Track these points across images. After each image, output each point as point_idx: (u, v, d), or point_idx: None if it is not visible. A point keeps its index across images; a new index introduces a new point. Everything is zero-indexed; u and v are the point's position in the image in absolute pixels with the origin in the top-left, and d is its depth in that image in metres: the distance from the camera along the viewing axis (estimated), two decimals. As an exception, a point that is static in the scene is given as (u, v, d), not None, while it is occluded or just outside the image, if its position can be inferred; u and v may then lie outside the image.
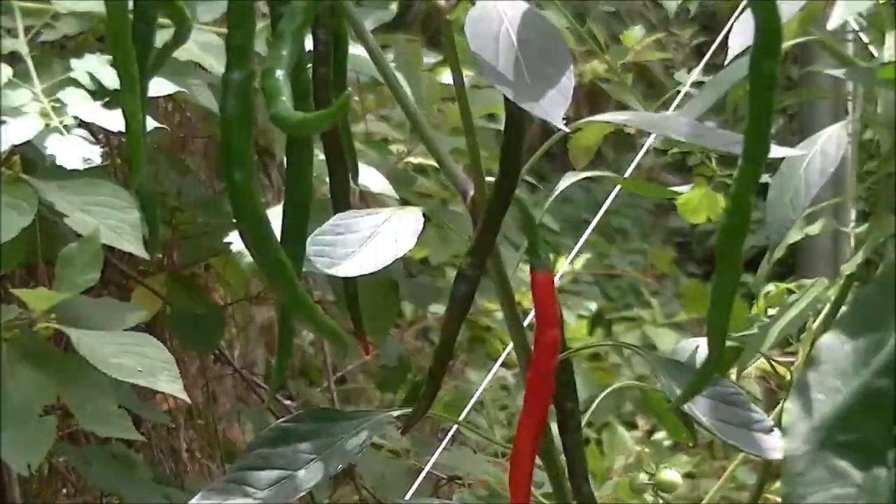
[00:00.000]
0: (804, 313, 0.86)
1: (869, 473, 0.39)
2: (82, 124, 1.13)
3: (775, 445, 0.75)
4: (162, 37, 0.66)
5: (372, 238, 0.74)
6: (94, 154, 1.10)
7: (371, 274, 0.74)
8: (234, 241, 1.48)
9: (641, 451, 2.20)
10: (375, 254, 0.73)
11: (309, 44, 0.69)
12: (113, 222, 1.13)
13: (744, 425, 0.77)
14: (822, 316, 0.93)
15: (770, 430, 0.77)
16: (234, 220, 0.43)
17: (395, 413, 0.81)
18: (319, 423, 0.77)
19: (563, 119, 0.67)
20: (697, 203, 1.36)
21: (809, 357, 0.42)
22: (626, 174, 2.06)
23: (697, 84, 2.19)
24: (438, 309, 2.36)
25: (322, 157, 0.82)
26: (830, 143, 0.78)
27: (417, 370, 2.12)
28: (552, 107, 0.65)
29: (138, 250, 1.11)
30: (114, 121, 1.13)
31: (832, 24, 0.50)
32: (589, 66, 2.45)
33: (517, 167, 0.77)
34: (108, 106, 1.14)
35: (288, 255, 0.52)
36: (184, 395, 1.08)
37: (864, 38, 1.07)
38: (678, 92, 2.19)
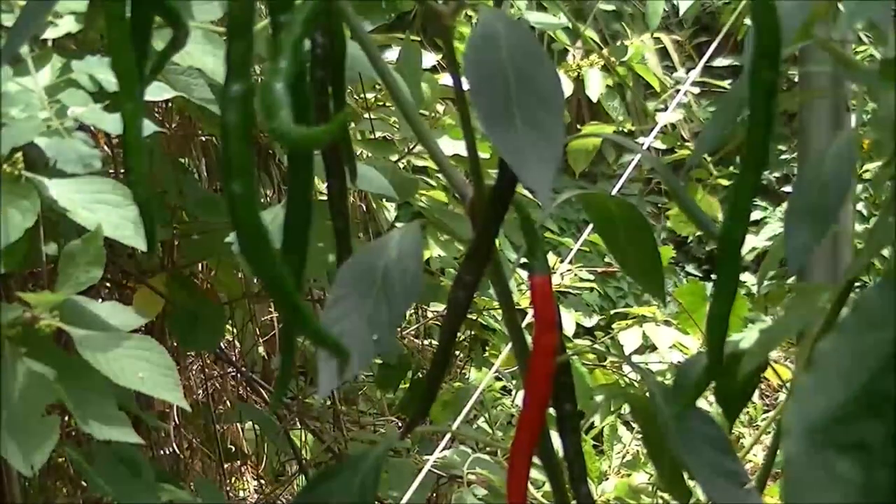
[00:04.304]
0: (803, 317, 0.86)
1: (869, 475, 0.39)
2: (82, 126, 1.13)
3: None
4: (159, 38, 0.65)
5: (378, 298, 0.73)
6: (94, 159, 1.10)
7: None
8: (235, 241, 1.48)
9: (640, 450, 2.20)
10: (390, 315, 0.72)
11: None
12: (115, 218, 1.13)
13: (726, 477, 0.77)
14: (821, 319, 0.93)
15: (744, 485, 0.77)
16: (234, 232, 0.43)
17: (391, 447, 0.81)
18: (322, 485, 0.77)
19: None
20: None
21: (809, 359, 0.41)
22: (626, 175, 2.06)
23: (695, 84, 2.20)
24: (439, 307, 2.36)
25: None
26: (841, 162, 0.77)
27: (417, 368, 2.12)
28: (541, 174, 0.63)
29: (139, 244, 1.11)
30: (114, 124, 1.13)
31: (839, 32, 0.50)
32: (587, 61, 2.45)
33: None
34: (108, 109, 1.14)
35: (288, 263, 0.51)
36: (184, 404, 1.08)
37: (865, 39, 1.07)
38: (677, 91, 2.19)
